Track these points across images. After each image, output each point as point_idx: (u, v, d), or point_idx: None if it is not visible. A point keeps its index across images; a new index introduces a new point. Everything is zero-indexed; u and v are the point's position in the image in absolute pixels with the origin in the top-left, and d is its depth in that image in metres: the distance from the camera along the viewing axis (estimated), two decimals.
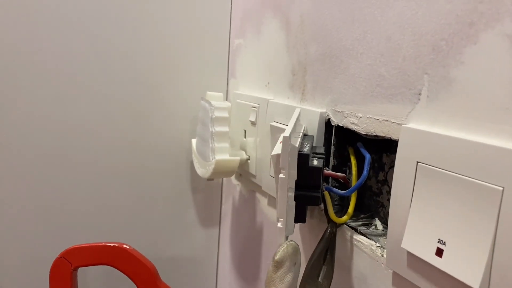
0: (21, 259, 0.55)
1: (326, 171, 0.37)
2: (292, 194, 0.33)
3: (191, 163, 0.62)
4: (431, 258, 0.27)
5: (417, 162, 0.29)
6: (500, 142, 0.24)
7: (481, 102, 0.25)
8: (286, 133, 0.30)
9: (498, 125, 0.24)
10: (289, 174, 0.31)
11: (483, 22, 0.25)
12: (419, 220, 0.29)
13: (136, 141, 0.58)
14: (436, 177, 0.27)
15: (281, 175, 0.31)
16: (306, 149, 0.34)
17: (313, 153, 0.36)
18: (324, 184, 0.37)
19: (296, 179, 0.33)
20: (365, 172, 0.34)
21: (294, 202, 0.34)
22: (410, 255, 0.30)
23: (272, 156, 0.32)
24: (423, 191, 0.28)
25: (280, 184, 0.31)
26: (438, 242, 0.27)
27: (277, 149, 0.33)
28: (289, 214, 0.33)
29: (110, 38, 0.54)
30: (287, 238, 0.33)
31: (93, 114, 0.55)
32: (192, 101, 0.60)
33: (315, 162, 0.34)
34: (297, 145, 0.33)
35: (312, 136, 0.40)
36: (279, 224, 0.32)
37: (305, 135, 0.39)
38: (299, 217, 0.36)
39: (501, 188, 0.23)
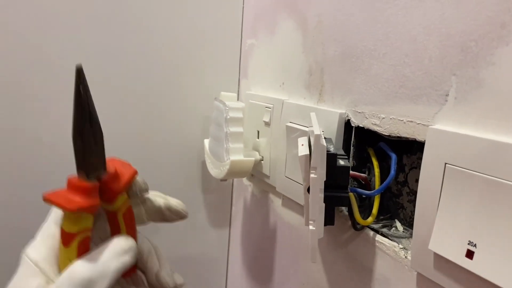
0: None
1: (350, 172, 0.37)
2: (322, 195, 0.32)
3: (203, 163, 0.62)
4: (461, 260, 0.27)
5: (445, 163, 0.28)
6: None
7: (511, 103, 0.25)
8: (317, 131, 0.30)
9: None
10: (320, 175, 0.31)
11: None
12: (447, 222, 0.28)
13: (148, 140, 0.58)
14: (465, 178, 0.27)
15: (312, 175, 0.30)
16: (332, 149, 0.34)
17: (338, 155, 0.36)
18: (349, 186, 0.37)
19: (325, 179, 0.32)
20: (392, 172, 0.34)
21: (324, 204, 0.33)
22: (437, 256, 0.29)
23: (301, 157, 0.31)
24: (452, 192, 0.28)
25: (312, 184, 0.31)
26: (469, 244, 0.27)
27: (303, 150, 0.33)
28: (320, 216, 0.33)
29: (126, 39, 0.54)
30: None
31: (106, 114, 0.55)
32: (203, 101, 0.59)
33: (342, 162, 0.34)
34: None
35: (331, 139, 0.39)
36: (311, 227, 0.32)
37: (324, 138, 0.39)
38: (329, 219, 0.35)
39: None
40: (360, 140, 0.40)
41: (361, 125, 0.38)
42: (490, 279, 0.25)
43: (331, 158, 0.33)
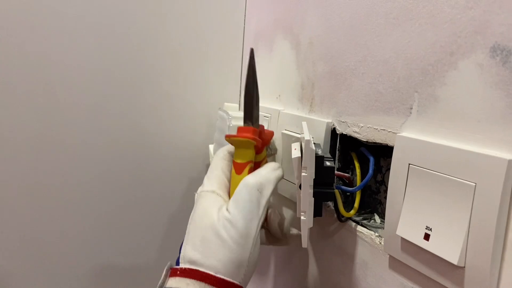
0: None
1: (335, 172, 0.43)
2: (311, 191, 0.39)
3: (207, 167, 0.68)
4: (420, 242, 0.33)
5: (409, 164, 0.35)
6: (473, 148, 0.30)
7: (459, 115, 0.32)
8: (307, 137, 0.37)
9: (472, 134, 0.31)
10: (309, 173, 0.38)
11: (461, 52, 0.31)
12: (410, 211, 0.35)
13: (159, 146, 0.64)
14: (424, 176, 0.34)
15: (303, 174, 0.37)
16: (320, 152, 0.41)
17: (325, 158, 0.43)
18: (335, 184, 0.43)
19: (314, 177, 0.39)
20: (370, 171, 0.40)
21: (313, 198, 0.40)
22: (403, 240, 0.36)
23: (294, 159, 0.38)
24: (414, 187, 0.35)
25: (303, 181, 0.37)
26: (426, 228, 0.33)
27: (296, 152, 0.39)
28: (310, 208, 0.39)
29: (140, 55, 0.61)
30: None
31: (118, 122, 0.61)
32: (208, 111, 0.66)
33: (328, 163, 0.40)
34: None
35: (319, 144, 0.46)
36: (302, 217, 0.38)
37: (313, 143, 0.45)
38: (317, 211, 0.42)
39: (474, 184, 0.29)
40: (344, 146, 0.46)
41: (344, 133, 0.44)
42: (441, 255, 0.31)
43: (319, 159, 0.40)
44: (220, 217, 0.38)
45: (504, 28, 0.28)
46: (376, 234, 0.41)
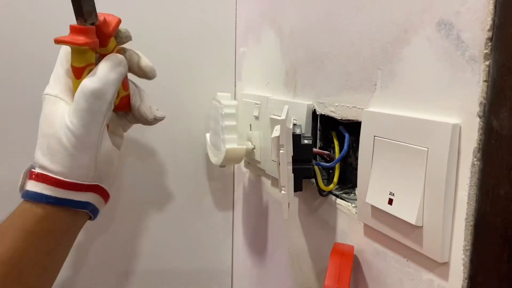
0: None
1: (314, 149, 0.46)
2: (290, 167, 0.42)
3: (206, 155, 0.72)
4: (385, 206, 0.36)
5: (374, 136, 0.38)
6: (425, 116, 0.33)
7: (413, 87, 0.34)
8: (283, 117, 0.40)
9: (424, 103, 0.33)
10: (287, 151, 0.41)
11: (413, 29, 0.34)
12: (376, 179, 0.38)
13: (158, 136, 0.69)
14: (386, 146, 0.36)
15: (281, 151, 0.40)
16: (297, 132, 0.44)
17: (303, 137, 0.46)
18: (314, 161, 0.47)
19: (292, 155, 0.42)
20: (345, 147, 0.43)
21: (293, 174, 0.43)
22: (372, 207, 0.39)
23: (273, 138, 0.41)
24: (379, 157, 0.37)
25: (281, 159, 0.41)
26: (389, 194, 0.36)
27: (275, 133, 0.42)
28: (289, 183, 0.42)
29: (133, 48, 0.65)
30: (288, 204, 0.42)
31: None
32: (205, 101, 0.70)
33: (306, 141, 0.43)
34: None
35: (300, 125, 0.49)
36: (282, 191, 0.41)
37: (294, 124, 0.48)
38: (297, 187, 0.45)
39: (426, 149, 0.32)
40: (325, 126, 0.49)
41: (323, 113, 0.47)
42: (402, 217, 0.34)
43: (296, 138, 0.43)
44: (62, 126, 0.41)
45: (446, 4, 0.31)
46: (353, 205, 0.43)
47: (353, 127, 0.46)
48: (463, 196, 0.30)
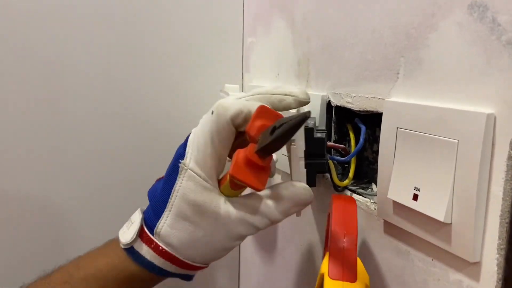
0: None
1: (329, 143, 0.44)
2: (303, 162, 0.40)
3: None
4: (409, 202, 0.34)
5: (397, 128, 0.36)
6: (455, 105, 0.31)
7: (441, 75, 0.32)
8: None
9: (453, 93, 0.31)
10: (298, 145, 0.39)
11: (441, 13, 0.32)
12: (399, 174, 0.35)
13: (165, 130, 0.66)
14: (411, 138, 0.34)
15: (293, 145, 0.38)
16: (310, 125, 0.41)
17: (316, 130, 0.44)
18: (328, 155, 0.44)
19: (304, 149, 0.40)
20: (361, 140, 0.41)
21: (305, 169, 0.41)
22: (395, 203, 0.36)
23: None
24: (402, 150, 0.35)
25: (293, 153, 0.38)
26: (414, 189, 0.34)
27: None
28: (302, 179, 0.40)
29: (141, 41, 0.62)
30: None
31: (122, 109, 0.64)
32: (211, 93, 0.68)
33: (319, 135, 0.41)
34: None
35: (314, 118, 0.47)
36: None
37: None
38: (310, 182, 0.43)
39: (456, 141, 0.30)
40: (340, 118, 0.47)
41: (338, 104, 0.45)
42: (429, 214, 0.32)
43: (308, 131, 0.41)
44: (223, 227, 0.36)
45: None
46: (372, 201, 0.41)
47: (370, 119, 0.44)
48: (497, 192, 0.28)
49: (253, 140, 0.34)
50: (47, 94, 0.59)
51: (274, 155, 0.46)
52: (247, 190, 0.37)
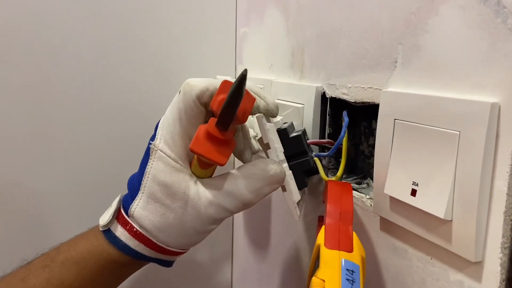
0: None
1: (310, 140, 0.43)
2: (286, 165, 0.38)
3: None
4: (407, 198, 0.32)
5: (395, 119, 0.34)
6: (456, 94, 0.29)
7: (442, 63, 0.30)
8: (260, 116, 0.37)
9: (455, 81, 0.29)
10: (274, 148, 0.37)
11: None
12: (397, 168, 0.34)
13: (152, 119, 0.64)
14: (409, 130, 0.32)
15: (269, 150, 0.36)
16: (283, 127, 0.40)
17: (294, 131, 0.42)
18: (313, 152, 0.43)
19: (283, 151, 0.38)
20: (342, 134, 0.39)
21: (290, 171, 0.39)
22: (391, 199, 0.35)
23: (258, 140, 0.37)
24: (400, 143, 0.33)
25: (271, 157, 0.37)
26: (412, 184, 0.32)
27: (260, 133, 0.38)
28: (291, 182, 0.38)
29: (133, 30, 0.60)
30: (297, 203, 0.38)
31: (114, 100, 0.61)
32: None
33: (294, 134, 0.40)
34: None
35: (292, 122, 0.44)
36: (284, 192, 0.37)
37: (284, 123, 0.43)
38: (301, 183, 0.41)
39: (458, 132, 0.28)
40: (335, 110, 0.45)
41: (333, 96, 0.43)
42: (428, 210, 0.30)
43: (281, 132, 0.39)
44: (193, 209, 0.35)
45: None
46: (367, 197, 0.39)
47: (366, 111, 0.42)
48: (501, 187, 0.26)
49: (216, 115, 0.33)
50: (37, 82, 0.56)
51: (251, 130, 0.44)
52: (220, 170, 0.36)
